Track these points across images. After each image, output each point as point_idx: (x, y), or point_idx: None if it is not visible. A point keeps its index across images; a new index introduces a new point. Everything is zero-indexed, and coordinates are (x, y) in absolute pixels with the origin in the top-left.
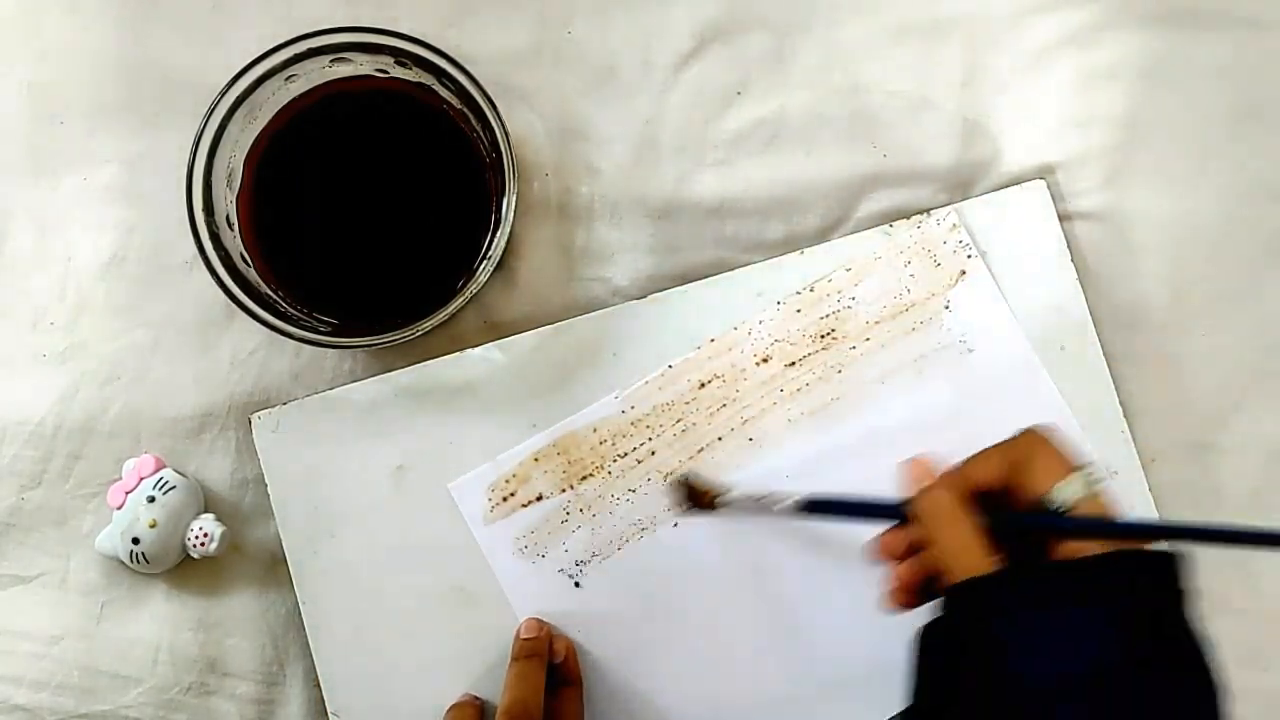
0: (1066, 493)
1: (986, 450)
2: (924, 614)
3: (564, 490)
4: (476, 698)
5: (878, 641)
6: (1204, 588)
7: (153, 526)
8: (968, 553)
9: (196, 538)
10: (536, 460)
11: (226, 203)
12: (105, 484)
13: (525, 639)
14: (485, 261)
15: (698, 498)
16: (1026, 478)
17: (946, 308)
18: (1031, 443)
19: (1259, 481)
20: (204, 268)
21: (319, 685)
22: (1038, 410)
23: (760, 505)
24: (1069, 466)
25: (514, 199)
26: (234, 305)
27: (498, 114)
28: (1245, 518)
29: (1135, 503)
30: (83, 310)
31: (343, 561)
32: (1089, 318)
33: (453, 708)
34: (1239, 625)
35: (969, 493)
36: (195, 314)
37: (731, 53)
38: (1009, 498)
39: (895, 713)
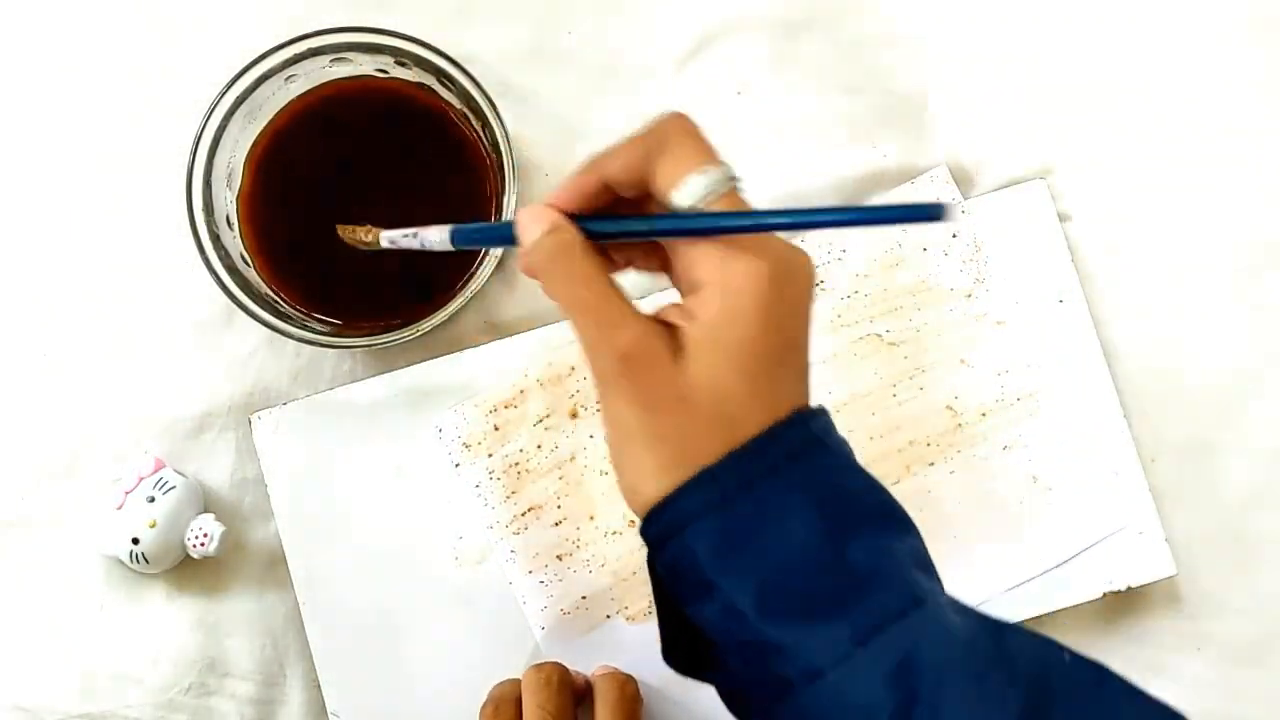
0: (699, 185)
1: (626, 139)
2: None
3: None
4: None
5: None
6: (1204, 587)
7: (153, 526)
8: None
9: (196, 538)
10: (537, 385)
11: (226, 203)
12: (105, 484)
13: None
14: (485, 261)
15: (356, 237)
16: (658, 167)
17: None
18: (670, 128)
19: (1259, 481)
20: (204, 268)
21: (319, 685)
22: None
23: (407, 240)
24: (708, 157)
25: (514, 199)
26: (234, 305)
27: (498, 114)
28: (1246, 518)
29: (1135, 503)
30: (83, 309)
31: (343, 561)
32: (1089, 317)
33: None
34: (1239, 625)
35: (600, 196)
36: (195, 314)
37: (731, 53)
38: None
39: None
